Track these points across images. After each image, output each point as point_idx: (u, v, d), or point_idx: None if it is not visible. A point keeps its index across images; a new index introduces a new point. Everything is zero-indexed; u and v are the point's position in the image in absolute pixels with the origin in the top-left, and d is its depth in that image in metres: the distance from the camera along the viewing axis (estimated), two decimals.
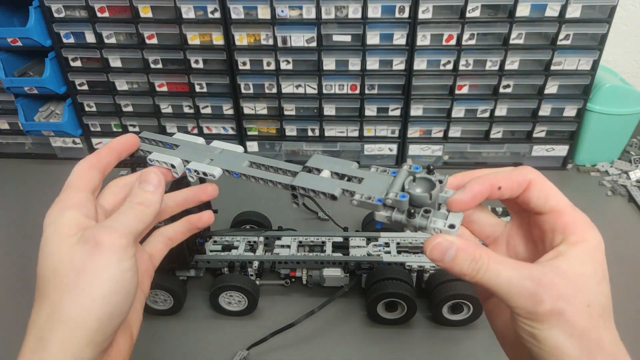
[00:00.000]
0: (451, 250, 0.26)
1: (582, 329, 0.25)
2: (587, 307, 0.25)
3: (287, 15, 0.82)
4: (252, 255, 0.66)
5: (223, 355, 0.58)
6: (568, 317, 0.24)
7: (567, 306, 0.25)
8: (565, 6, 0.79)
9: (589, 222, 0.27)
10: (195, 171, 0.37)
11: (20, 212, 0.87)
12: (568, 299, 0.25)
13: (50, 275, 0.27)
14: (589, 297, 0.25)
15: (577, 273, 0.25)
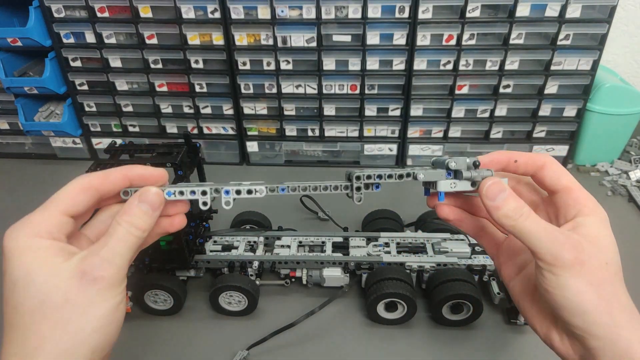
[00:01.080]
0: (504, 193, 0.29)
1: (600, 280, 0.28)
2: (606, 264, 0.28)
3: (287, 15, 0.82)
4: (252, 255, 0.66)
5: (223, 355, 0.58)
6: (589, 268, 0.28)
7: (588, 259, 0.28)
8: (565, 6, 0.79)
9: (596, 200, 0.31)
10: (236, 192, 0.34)
11: (20, 212, 0.86)
12: (590, 254, 0.28)
13: (36, 306, 0.25)
14: (607, 257, 0.29)
15: (596, 237, 0.29)
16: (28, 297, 0.25)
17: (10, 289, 0.26)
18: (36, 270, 0.26)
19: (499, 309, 0.64)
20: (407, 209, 0.76)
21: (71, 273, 0.26)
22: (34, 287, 0.25)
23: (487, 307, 0.63)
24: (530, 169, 0.32)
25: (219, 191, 0.34)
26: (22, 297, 0.25)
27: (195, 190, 0.32)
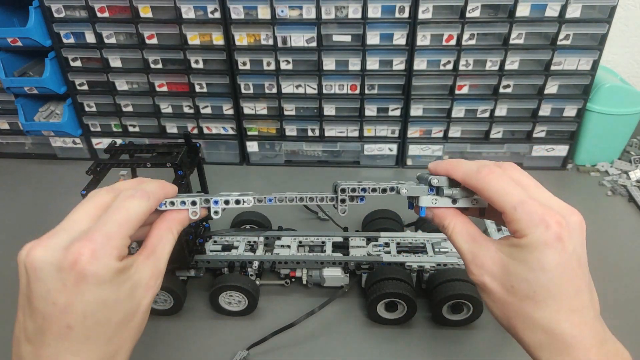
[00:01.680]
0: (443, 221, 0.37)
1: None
2: (511, 287, 0.32)
3: (287, 15, 0.82)
4: (252, 255, 0.66)
5: (223, 355, 0.58)
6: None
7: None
8: (565, 6, 0.79)
9: (533, 216, 0.30)
10: (225, 202, 0.37)
11: (21, 212, 0.87)
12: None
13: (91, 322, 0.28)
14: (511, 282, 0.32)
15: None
16: (91, 314, 0.28)
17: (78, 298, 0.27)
18: (116, 292, 0.29)
19: None
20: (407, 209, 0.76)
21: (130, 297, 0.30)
22: (107, 305, 0.28)
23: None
24: (468, 185, 0.35)
25: (208, 201, 0.36)
26: (83, 310, 0.27)
27: (185, 201, 0.35)
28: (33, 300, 0.28)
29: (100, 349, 0.28)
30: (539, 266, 0.30)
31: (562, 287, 0.30)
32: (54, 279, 0.27)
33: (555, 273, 0.30)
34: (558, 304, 0.30)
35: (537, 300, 0.30)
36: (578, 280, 0.31)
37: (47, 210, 0.86)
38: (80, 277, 0.27)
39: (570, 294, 0.30)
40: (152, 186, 0.33)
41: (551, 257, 0.30)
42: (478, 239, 0.34)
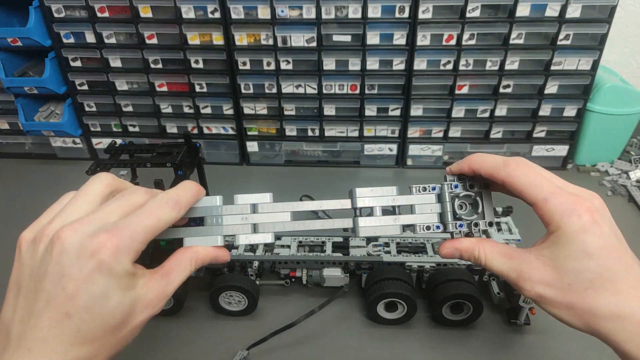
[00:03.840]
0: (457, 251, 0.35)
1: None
2: (568, 285, 0.31)
3: (287, 15, 0.82)
4: (252, 255, 0.66)
5: (223, 355, 0.58)
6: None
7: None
8: (565, 6, 0.79)
9: (565, 205, 0.31)
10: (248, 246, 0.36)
11: (21, 212, 0.87)
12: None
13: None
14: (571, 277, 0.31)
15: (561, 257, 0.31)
16: (108, 311, 0.28)
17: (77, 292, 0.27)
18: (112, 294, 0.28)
19: (499, 309, 0.64)
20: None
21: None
22: (113, 304, 0.28)
23: (487, 307, 0.63)
24: (494, 180, 0.34)
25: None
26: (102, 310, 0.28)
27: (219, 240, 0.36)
28: (44, 281, 0.27)
29: (84, 346, 0.27)
30: (585, 254, 0.30)
31: (614, 267, 0.30)
32: (72, 264, 0.27)
33: (602, 256, 0.30)
34: (616, 286, 0.30)
35: (597, 288, 0.30)
36: (625, 257, 0.31)
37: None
38: (97, 267, 0.27)
39: (624, 272, 0.31)
40: (187, 195, 0.34)
41: (593, 241, 0.30)
42: (514, 254, 0.33)
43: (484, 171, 0.34)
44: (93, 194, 0.31)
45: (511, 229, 0.69)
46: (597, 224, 0.31)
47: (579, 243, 0.30)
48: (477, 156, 0.35)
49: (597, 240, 0.30)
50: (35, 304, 0.27)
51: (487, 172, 0.34)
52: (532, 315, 0.60)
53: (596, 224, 0.31)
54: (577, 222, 0.31)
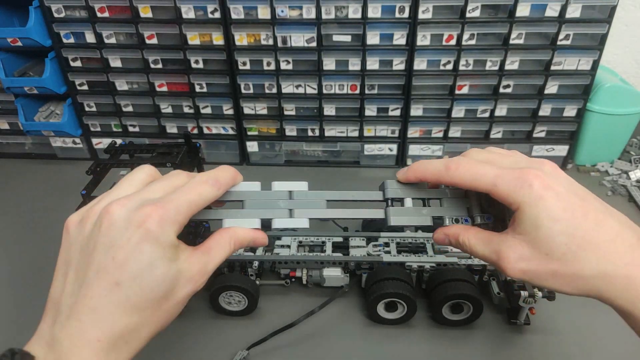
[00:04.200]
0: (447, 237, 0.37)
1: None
2: (546, 255, 0.31)
3: (287, 15, 0.82)
4: (252, 255, 0.66)
5: (223, 355, 0.58)
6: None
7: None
8: (565, 6, 0.79)
9: (521, 189, 0.31)
10: (283, 229, 0.39)
11: (20, 212, 0.87)
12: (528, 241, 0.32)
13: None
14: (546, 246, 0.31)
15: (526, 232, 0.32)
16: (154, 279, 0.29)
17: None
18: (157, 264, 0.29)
19: (499, 309, 0.64)
20: None
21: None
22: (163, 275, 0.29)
23: (487, 307, 0.63)
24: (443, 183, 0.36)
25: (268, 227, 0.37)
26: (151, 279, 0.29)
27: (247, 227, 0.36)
28: (94, 253, 0.28)
29: (132, 315, 0.28)
30: (550, 220, 0.31)
31: (583, 225, 0.31)
32: (121, 234, 0.28)
33: (567, 217, 0.31)
34: (592, 243, 0.30)
35: (574, 250, 0.31)
36: (592, 212, 0.31)
37: (47, 210, 0.86)
38: (144, 236, 0.28)
39: (595, 228, 0.31)
40: (225, 175, 0.36)
41: (553, 205, 0.31)
42: (493, 238, 0.34)
43: (429, 179, 0.35)
44: (137, 180, 0.33)
45: None
46: (551, 188, 0.31)
47: (540, 211, 0.31)
48: (419, 164, 0.36)
49: (556, 203, 0.31)
50: (85, 275, 0.28)
51: (432, 179, 0.35)
52: (532, 315, 0.60)
53: (549, 188, 0.31)
54: (530, 193, 0.31)
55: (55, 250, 0.30)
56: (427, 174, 0.35)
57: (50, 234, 0.79)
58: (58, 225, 0.32)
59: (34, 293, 0.69)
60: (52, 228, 0.81)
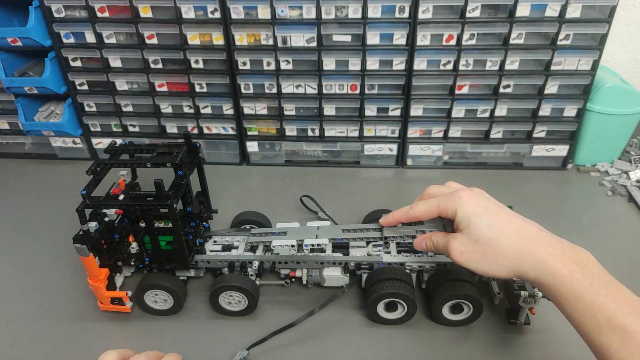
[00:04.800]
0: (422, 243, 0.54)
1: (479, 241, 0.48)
2: (476, 240, 0.47)
3: (287, 15, 0.82)
4: (252, 255, 0.66)
5: (223, 355, 0.58)
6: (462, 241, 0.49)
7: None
8: (565, 6, 0.79)
9: (454, 202, 0.49)
10: (311, 245, 0.60)
11: (20, 212, 0.87)
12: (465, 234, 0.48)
13: None
14: (476, 234, 0.47)
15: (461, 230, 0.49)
16: None
17: None
18: None
19: (499, 309, 0.64)
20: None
21: None
22: None
23: (487, 307, 0.63)
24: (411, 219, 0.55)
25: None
26: None
27: (287, 244, 0.61)
28: None
29: None
30: (476, 216, 0.47)
31: (498, 220, 0.47)
32: None
33: (487, 213, 0.47)
34: (506, 232, 0.46)
35: (495, 236, 0.46)
36: (503, 213, 0.48)
37: (47, 210, 0.86)
38: None
39: (506, 221, 0.46)
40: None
41: (476, 205, 0.48)
42: (447, 236, 0.50)
43: (402, 220, 0.55)
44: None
45: None
46: (474, 197, 0.48)
47: (468, 211, 0.47)
48: (391, 215, 0.56)
49: (478, 206, 0.48)
50: None
51: (403, 219, 0.55)
52: (532, 315, 0.60)
53: (473, 197, 0.48)
54: (461, 202, 0.48)
55: (55, 250, 0.30)
56: (399, 217, 0.55)
57: (50, 234, 0.79)
58: (58, 225, 0.32)
59: (34, 293, 0.69)
60: (52, 228, 0.81)
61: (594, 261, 0.43)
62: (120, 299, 0.63)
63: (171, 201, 0.56)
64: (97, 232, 0.60)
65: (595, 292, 0.40)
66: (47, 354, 0.60)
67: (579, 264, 0.42)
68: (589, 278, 0.41)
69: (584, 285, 0.41)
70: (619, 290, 0.41)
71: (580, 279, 0.41)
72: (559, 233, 0.46)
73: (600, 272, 0.42)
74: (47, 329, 0.63)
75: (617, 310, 0.39)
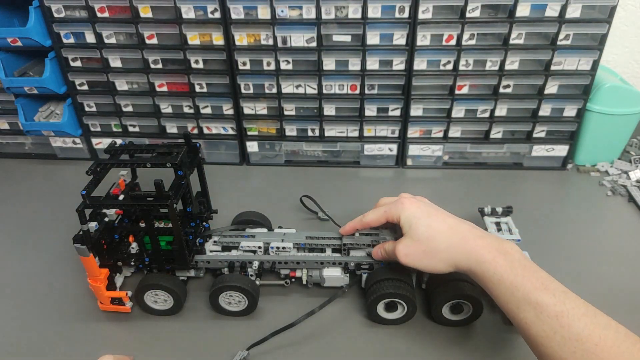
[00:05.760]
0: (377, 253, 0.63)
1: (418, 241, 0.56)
2: (417, 240, 0.55)
3: (287, 15, 0.82)
4: (252, 255, 0.66)
5: (223, 355, 0.58)
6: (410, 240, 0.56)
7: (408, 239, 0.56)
8: (565, 6, 0.79)
9: (397, 208, 0.58)
10: (277, 247, 0.65)
11: (20, 212, 0.87)
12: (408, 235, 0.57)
13: None
14: (415, 234, 0.55)
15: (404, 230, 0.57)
16: None
17: None
18: None
19: (499, 309, 0.63)
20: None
21: None
22: None
23: (487, 307, 0.63)
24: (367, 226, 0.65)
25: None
26: None
27: (255, 245, 0.67)
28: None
29: None
30: (416, 218, 0.55)
31: (434, 221, 0.55)
32: None
33: (425, 216, 0.55)
34: (441, 230, 0.53)
35: (432, 234, 0.54)
36: (439, 214, 0.56)
37: (47, 210, 0.86)
38: None
39: (441, 221, 0.55)
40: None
41: (416, 210, 0.56)
42: (395, 242, 0.57)
43: (357, 228, 0.64)
44: None
45: (511, 229, 0.69)
46: (414, 203, 0.57)
47: (409, 215, 0.56)
48: (348, 225, 0.64)
49: (417, 210, 0.56)
50: None
51: (358, 227, 0.64)
52: None
53: (414, 203, 0.57)
54: (403, 207, 0.57)
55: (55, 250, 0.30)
56: (355, 225, 0.63)
57: (50, 234, 0.79)
58: (58, 225, 0.32)
59: (34, 293, 0.69)
60: (52, 228, 0.81)
61: (516, 249, 0.50)
62: (120, 299, 0.63)
63: (171, 201, 0.56)
64: (97, 232, 0.60)
65: (515, 274, 0.47)
66: (47, 353, 0.60)
67: (502, 252, 0.49)
68: (509, 263, 0.48)
69: (505, 269, 0.47)
70: (535, 272, 0.47)
71: (502, 264, 0.48)
72: (559, 233, 0.47)
73: (521, 258, 0.49)
74: (47, 329, 0.63)
75: (531, 288, 0.45)
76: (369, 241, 0.64)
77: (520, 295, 0.45)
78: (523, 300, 0.45)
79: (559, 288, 0.45)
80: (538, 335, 0.44)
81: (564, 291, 0.45)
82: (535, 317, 0.44)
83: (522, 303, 0.45)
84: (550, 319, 0.43)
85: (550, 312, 0.43)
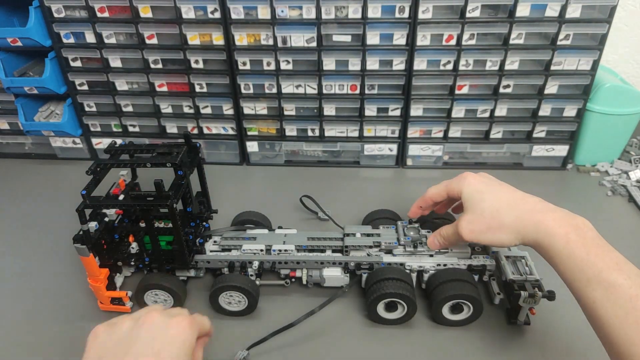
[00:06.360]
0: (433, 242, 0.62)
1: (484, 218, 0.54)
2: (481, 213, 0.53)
3: (287, 15, 0.82)
4: (252, 255, 0.66)
5: (223, 355, 0.58)
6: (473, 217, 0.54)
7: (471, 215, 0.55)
8: (565, 6, 0.79)
9: (459, 183, 0.57)
10: (278, 250, 0.64)
11: (20, 212, 0.87)
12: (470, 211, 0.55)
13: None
14: (481, 207, 0.54)
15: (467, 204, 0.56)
16: None
17: None
18: None
19: (499, 309, 0.64)
20: (407, 209, 0.75)
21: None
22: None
23: (487, 307, 0.63)
24: (436, 202, 0.63)
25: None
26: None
27: (257, 248, 0.66)
28: (133, 345, 0.38)
29: None
30: (478, 192, 0.54)
31: (500, 194, 0.53)
32: (160, 331, 0.40)
33: (490, 191, 0.54)
34: (508, 204, 0.52)
35: (498, 208, 0.52)
36: (504, 188, 0.54)
37: (47, 210, 0.86)
38: (177, 334, 0.41)
39: (507, 195, 0.53)
40: (208, 324, 0.47)
41: (479, 185, 0.55)
42: (453, 223, 0.57)
43: (421, 205, 0.64)
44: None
45: None
46: (477, 177, 0.56)
47: (472, 190, 0.55)
48: (412, 207, 0.65)
49: (480, 184, 0.55)
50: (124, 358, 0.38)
51: (422, 203, 0.64)
52: (532, 315, 0.60)
53: (476, 177, 0.56)
54: (465, 181, 0.56)
55: (55, 250, 0.30)
56: (418, 204, 0.65)
57: (50, 234, 0.79)
58: (58, 225, 0.32)
59: (34, 293, 0.69)
60: (52, 228, 0.81)
61: (590, 226, 0.48)
62: (120, 299, 0.63)
63: (171, 201, 0.56)
64: (97, 232, 0.60)
65: (587, 251, 0.45)
66: (47, 353, 0.60)
67: (575, 227, 0.47)
68: (582, 239, 0.46)
69: (578, 245, 0.45)
70: (609, 252, 0.45)
71: (574, 239, 0.46)
72: None
73: (594, 236, 0.47)
74: (47, 329, 0.63)
75: (604, 266, 0.43)
76: (371, 242, 0.64)
77: (591, 274, 0.43)
78: (594, 279, 0.43)
79: (633, 270, 0.44)
80: (607, 315, 0.42)
81: (638, 274, 0.43)
82: (606, 297, 0.42)
83: (592, 282, 0.43)
84: (624, 300, 0.41)
85: (624, 294, 0.41)
